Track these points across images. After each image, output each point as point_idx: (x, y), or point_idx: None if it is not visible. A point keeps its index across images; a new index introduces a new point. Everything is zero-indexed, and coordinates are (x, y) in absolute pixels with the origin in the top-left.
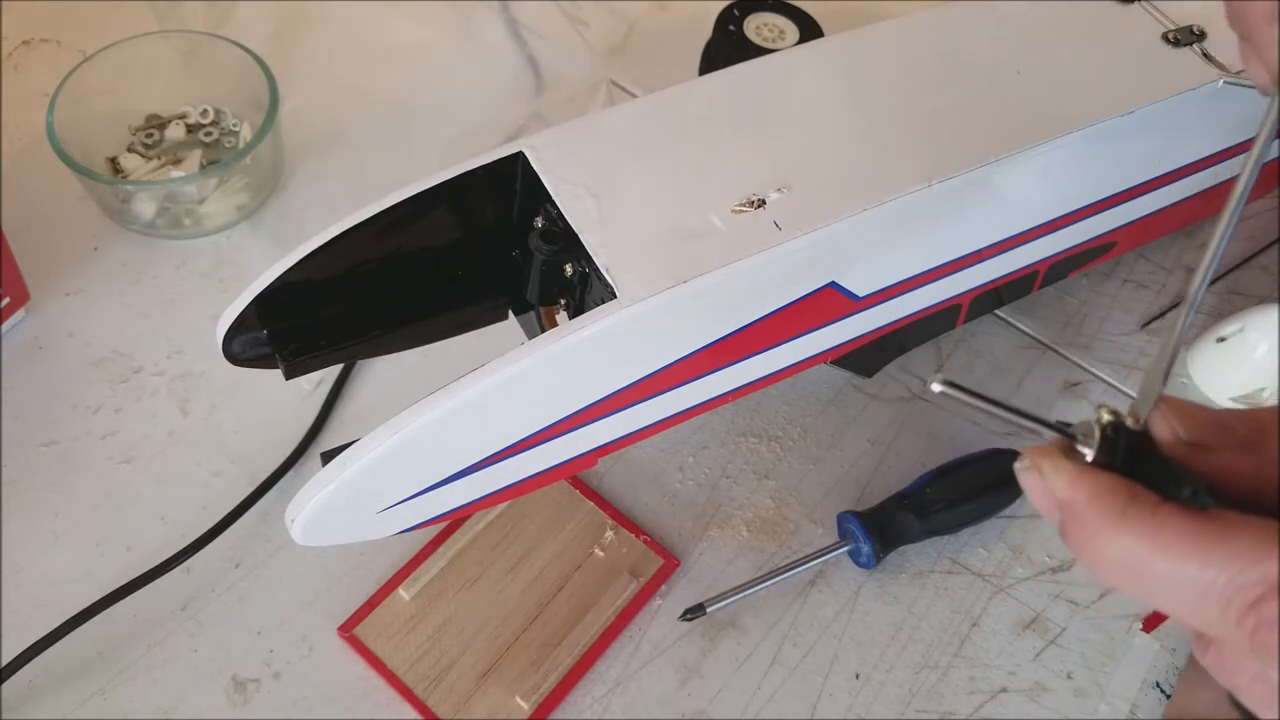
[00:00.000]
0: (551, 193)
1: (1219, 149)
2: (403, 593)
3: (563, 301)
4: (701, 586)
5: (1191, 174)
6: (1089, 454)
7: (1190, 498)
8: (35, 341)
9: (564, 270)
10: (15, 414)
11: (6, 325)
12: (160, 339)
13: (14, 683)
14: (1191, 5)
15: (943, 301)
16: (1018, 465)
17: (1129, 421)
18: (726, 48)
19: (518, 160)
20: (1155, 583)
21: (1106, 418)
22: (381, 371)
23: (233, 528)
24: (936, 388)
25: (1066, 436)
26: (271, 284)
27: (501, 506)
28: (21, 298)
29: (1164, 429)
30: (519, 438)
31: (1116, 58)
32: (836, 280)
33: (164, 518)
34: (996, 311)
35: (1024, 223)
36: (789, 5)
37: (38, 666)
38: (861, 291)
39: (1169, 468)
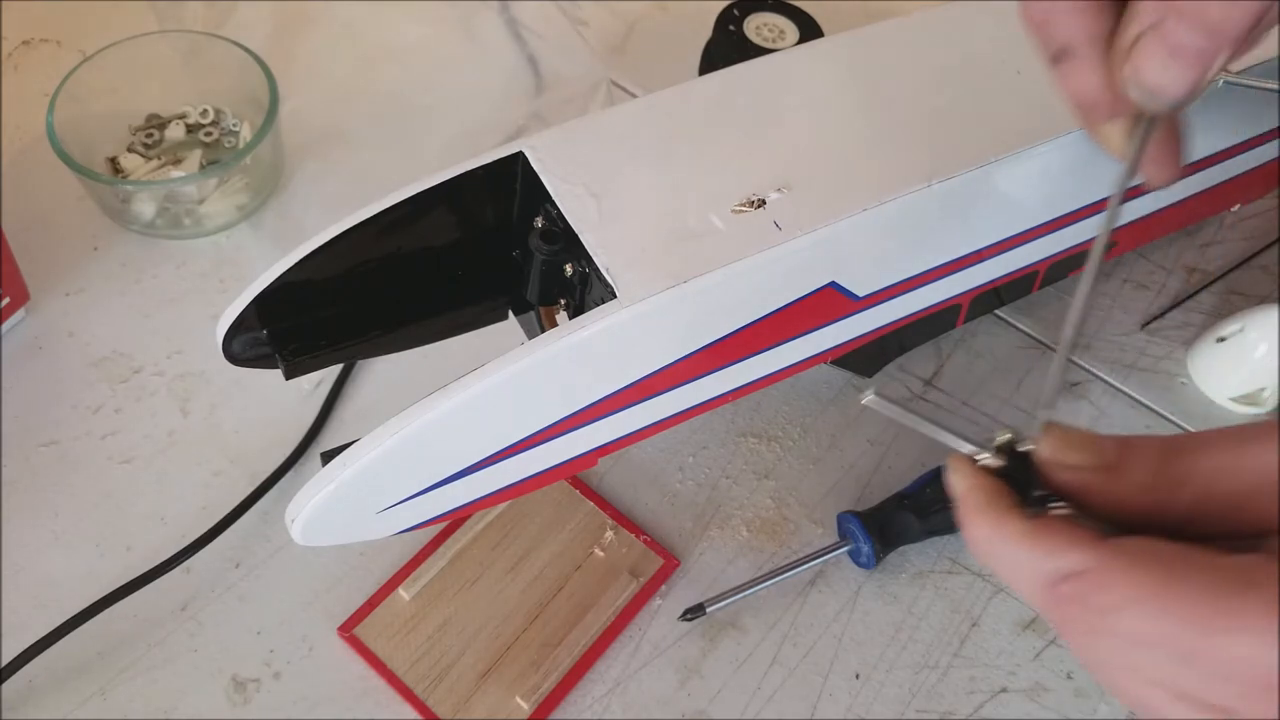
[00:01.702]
0: (551, 193)
1: (1219, 149)
2: (403, 593)
3: (563, 301)
4: (701, 586)
5: (1191, 174)
6: (985, 462)
7: (1035, 503)
8: (35, 341)
9: (564, 270)
10: (15, 414)
11: (6, 325)
12: (160, 339)
13: (14, 683)
14: None
15: (943, 301)
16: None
17: (1027, 443)
18: (726, 48)
19: (518, 160)
20: (1000, 565)
21: (1001, 438)
22: (381, 371)
23: (233, 528)
24: (867, 400)
25: (977, 449)
26: (271, 284)
27: (501, 506)
28: (21, 298)
29: (1045, 449)
30: (519, 438)
31: None
32: (836, 280)
33: (164, 518)
34: (996, 311)
35: (1024, 223)
36: (789, 5)
37: (38, 666)
38: (861, 291)
39: (1032, 480)
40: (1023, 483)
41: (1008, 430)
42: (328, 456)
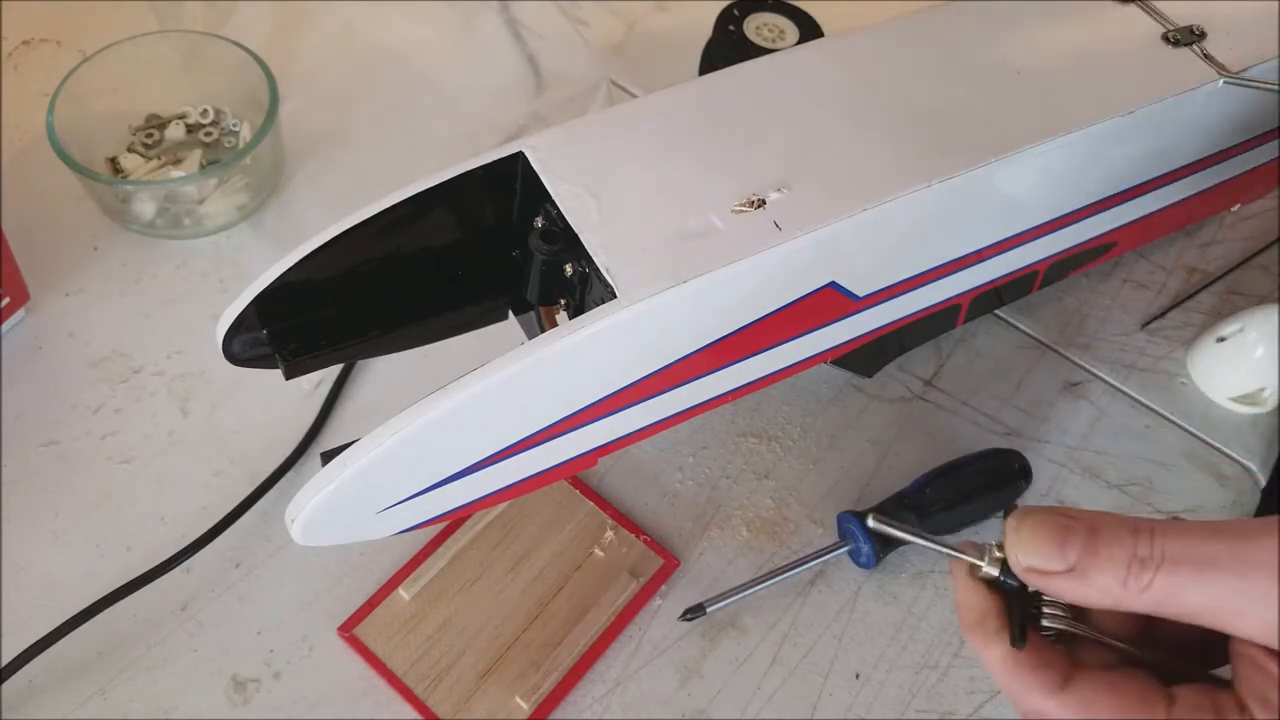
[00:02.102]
0: (551, 193)
1: (1219, 149)
2: (403, 593)
3: (563, 301)
4: (701, 586)
5: (1191, 174)
6: (984, 573)
7: (1017, 636)
8: (35, 341)
9: (564, 270)
10: (15, 414)
11: (6, 325)
12: (160, 339)
13: (14, 683)
14: (1191, 5)
15: (943, 301)
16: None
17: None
18: (726, 48)
19: (518, 160)
20: (993, 673)
21: (997, 554)
22: (381, 371)
23: (233, 528)
24: (871, 524)
25: (978, 554)
26: (271, 284)
27: (501, 506)
28: (21, 298)
29: (1010, 550)
30: (519, 438)
31: (1116, 57)
32: (836, 280)
33: (164, 518)
34: (996, 311)
35: (1024, 223)
36: (789, 5)
37: (38, 666)
38: (861, 291)
39: (1025, 602)
40: (1017, 599)
41: (997, 546)
42: (328, 456)
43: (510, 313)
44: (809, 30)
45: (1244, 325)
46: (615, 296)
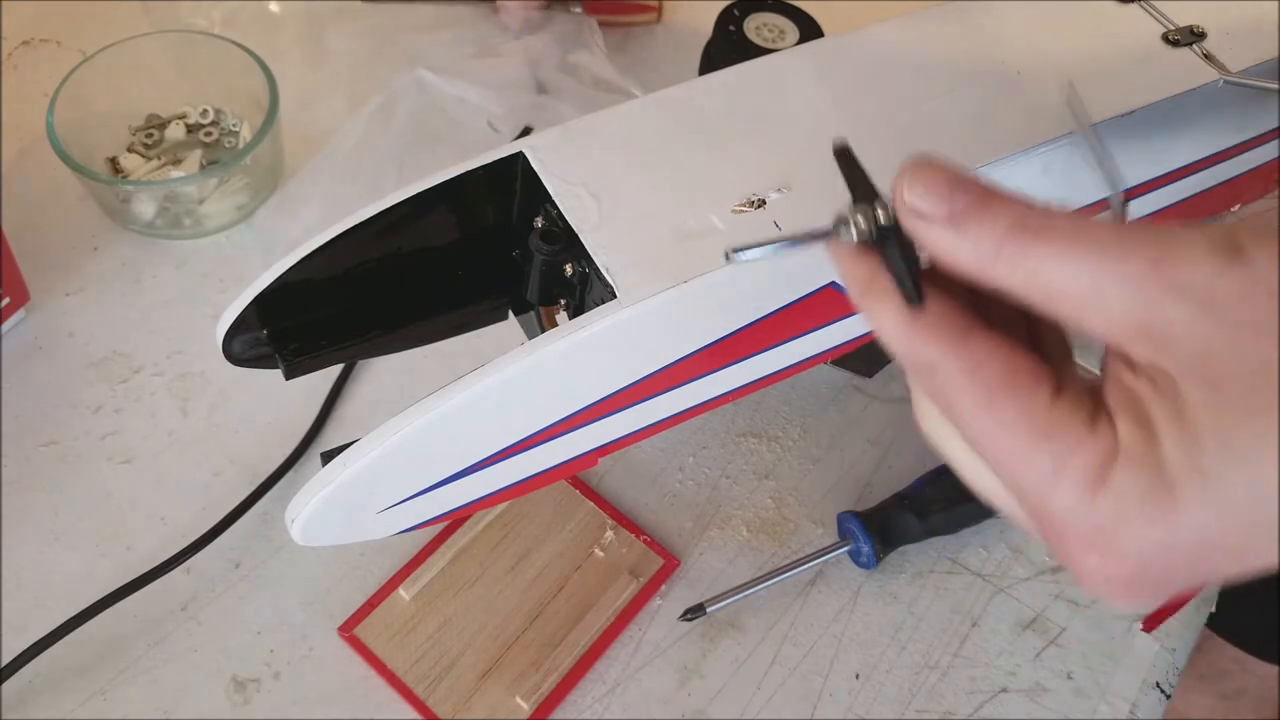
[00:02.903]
0: (551, 193)
1: (1219, 149)
2: (403, 593)
3: (563, 301)
4: (701, 586)
5: (1191, 174)
6: (860, 227)
7: (912, 291)
8: (35, 341)
9: (564, 270)
10: (15, 414)
11: (6, 325)
12: (160, 339)
13: (14, 683)
14: (1191, 5)
15: None
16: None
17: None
18: (726, 48)
19: (518, 160)
20: (882, 339)
21: (874, 213)
22: (381, 371)
23: (233, 528)
24: (732, 256)
25: (842, 227)
26: (271, 284)
27: (501, 506)
28: (21, 298)
29: (900, 191)
30: (519, 438)
31: (1116, 58)
32: (836, 280)
33: (164, 518)
34: None
35: None
36: (789, 5)
37: (38, 666)
38: None
39: (905, 254)
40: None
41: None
42: (328, 456)
43: (510, 313)
44: (809, 30)
45: None
46: (615, 296)
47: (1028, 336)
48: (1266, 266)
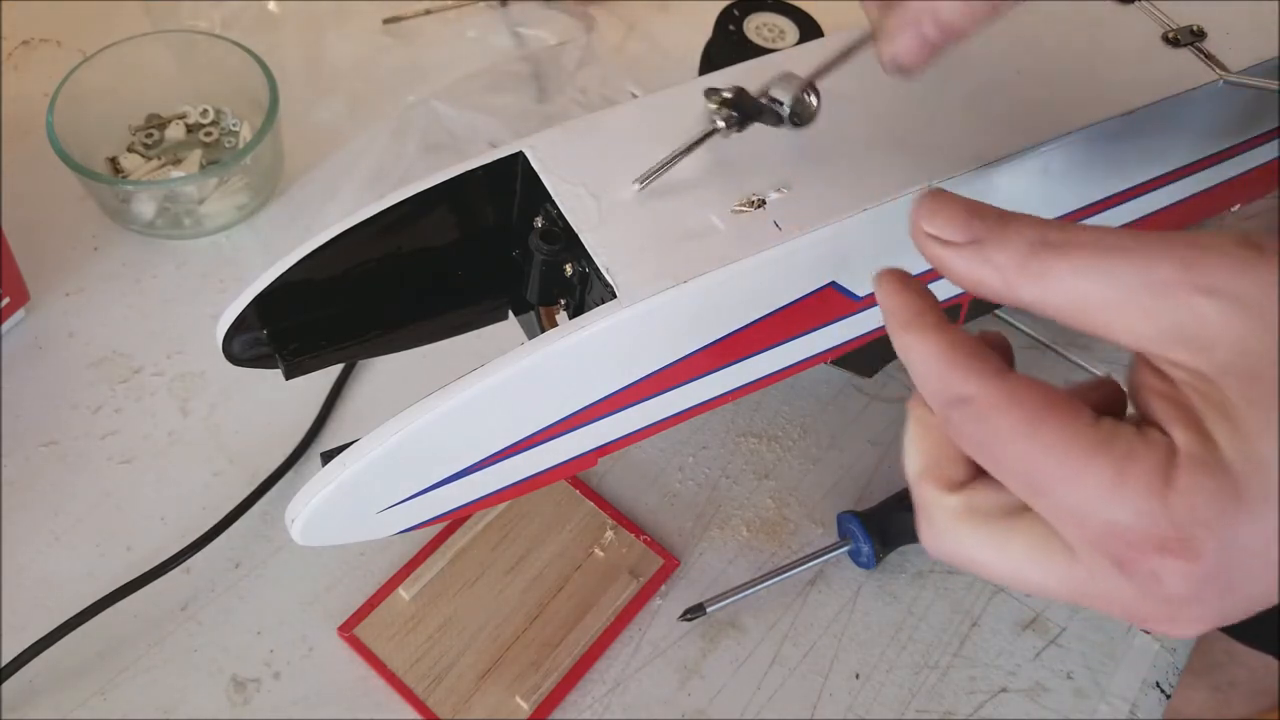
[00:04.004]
0: (551, 193)
1: (1219, 149)
2: (403, 593)
3: (563, 301)
4: (701, 586)
5: (1191, 174)
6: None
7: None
8: (35, 341)
9: (564, 270)
10: (15, 414)
11: (6, 325)
12: (160, 339)
13: (14, 683)
14: (1191, 5)
15: (943, 301)
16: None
17: None
18: (726, 48)
19: (518, 160)
20: (915, 374)
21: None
22: (381, 371)
23: (233, 528)
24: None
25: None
26: (271, 284)
27: (501, 506)
28: (21, 298)
29: (918, 215)
30: (519, 438)
31: (1116, 58)
32: (836, 280)
33: (164, 518)
34: (996, 311)
35: None
36: (789, 5)
37: (38, 666)
38: (861, 291)
39: None
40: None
41: None
42: (328, 456)
43: (510, 313)
44: (809, 30)
45: None
46: (615, 296)
47: None
48: None
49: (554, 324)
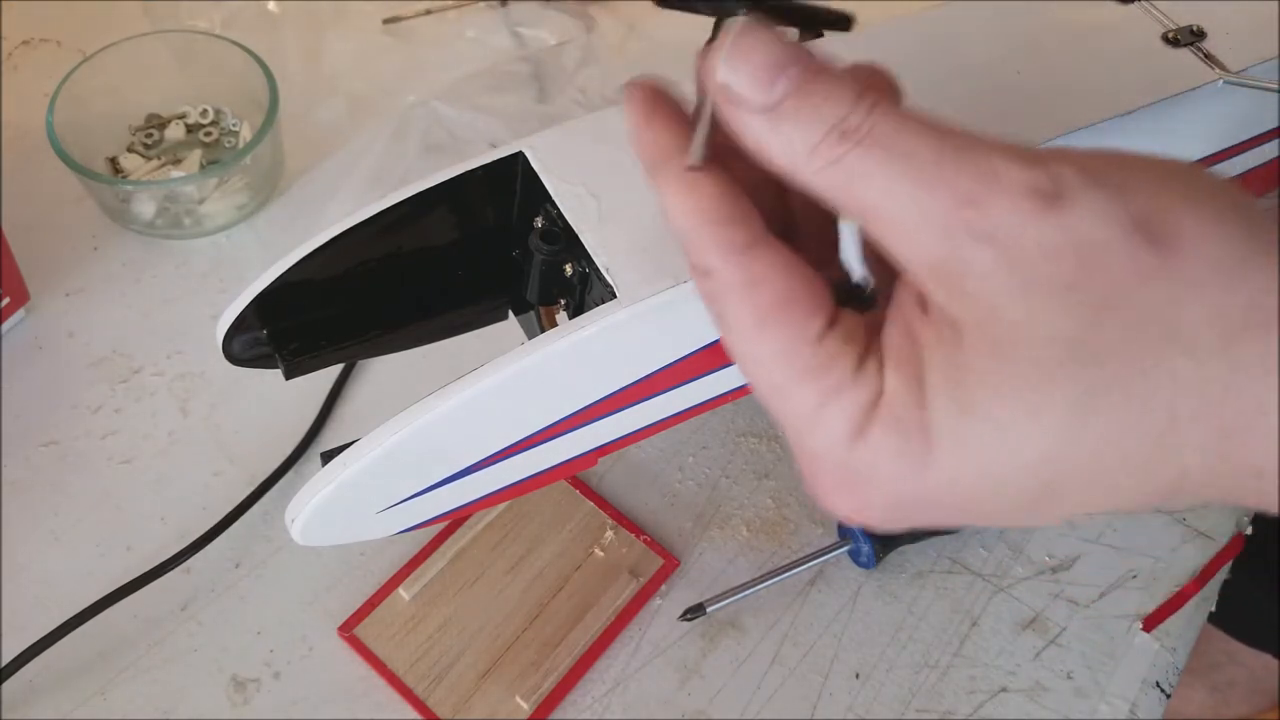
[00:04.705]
0: (551, 193)
1: (1219, 149)
2: (403, 593)
3: (563, 301)
4: (701, 586)
5: None
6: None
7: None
8: (35, 341)
9: (564, 270)
10: (15, 414)
11: (6, 325)
12: (160, 339)
13: (14, 683)
14: (1191, 5)
15: None
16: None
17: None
18: None
19: (518, 160)
20: (675, 219)
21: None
22: (381, 371)
23: (233, 528)
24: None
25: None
26: (271, 284)
27: (501, 506)
28: (21, 298)
29: (712, 63)
30: (519, 438)
31: (1116, 58)
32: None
33: (164, 518)
34: None
35: None
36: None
37: (38, 666)
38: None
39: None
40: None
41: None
42: (328, 456)
43: (510, 313)
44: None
45: None
46: (615, 296)
47: (834, 243)
48: (1084, 224)
49: (554, 324)
